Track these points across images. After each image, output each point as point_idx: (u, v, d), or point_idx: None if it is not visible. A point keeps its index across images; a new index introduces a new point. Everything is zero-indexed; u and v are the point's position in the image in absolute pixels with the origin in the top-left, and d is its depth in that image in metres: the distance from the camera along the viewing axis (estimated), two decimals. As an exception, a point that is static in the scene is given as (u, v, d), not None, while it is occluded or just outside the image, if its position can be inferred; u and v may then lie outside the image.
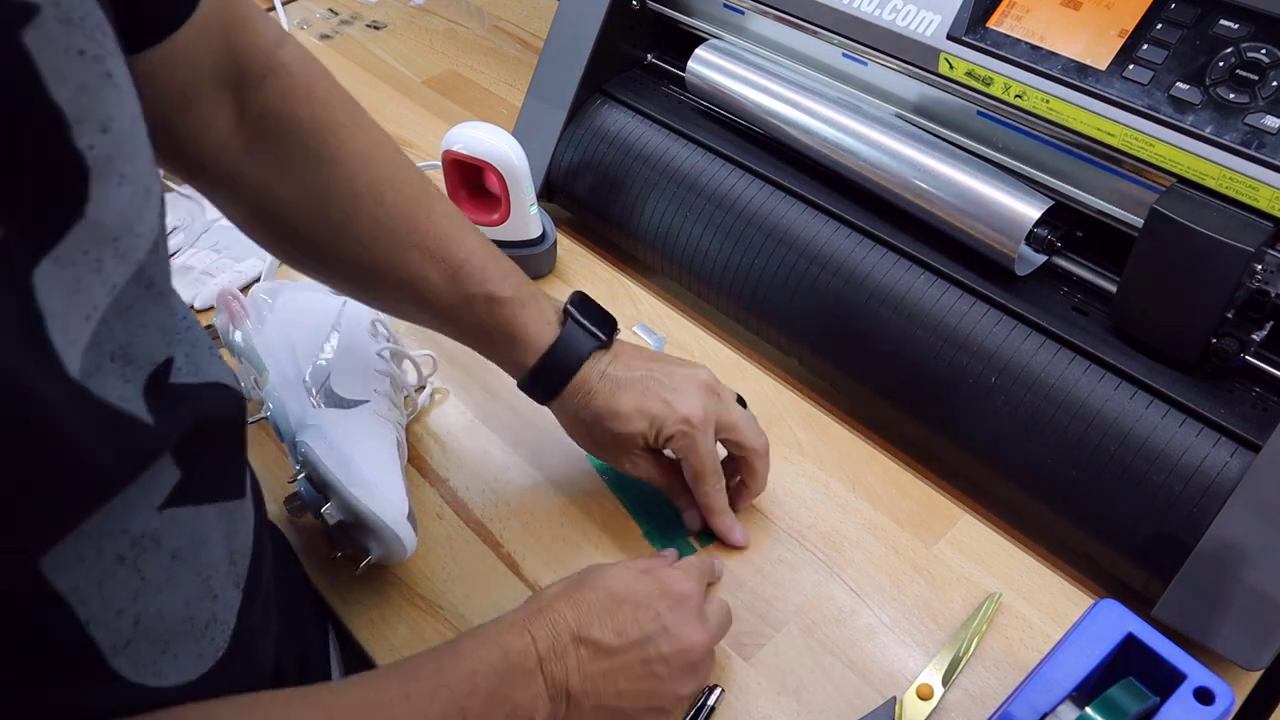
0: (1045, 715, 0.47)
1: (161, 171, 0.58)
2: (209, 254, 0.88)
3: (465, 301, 0.58)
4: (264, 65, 0.53)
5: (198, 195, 0.66)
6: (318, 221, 0.55)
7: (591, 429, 0.61)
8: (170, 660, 0.39)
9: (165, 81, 0.48)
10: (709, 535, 0.64)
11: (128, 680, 0.37)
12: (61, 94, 0.30)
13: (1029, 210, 0.64)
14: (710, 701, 0.55)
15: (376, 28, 1.22)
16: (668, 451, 0.62)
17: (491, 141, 0.77)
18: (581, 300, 0.62)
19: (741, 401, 0.64)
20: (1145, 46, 0.59)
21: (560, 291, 0.82)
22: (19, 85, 0.28)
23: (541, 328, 0.60)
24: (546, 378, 0.60)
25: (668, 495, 0.64)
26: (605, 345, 0.61)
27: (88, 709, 0.35)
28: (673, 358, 0.63)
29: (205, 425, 0.39)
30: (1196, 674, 0.47)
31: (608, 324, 0.62)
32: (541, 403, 0.62)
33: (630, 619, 0.50)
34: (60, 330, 0.31)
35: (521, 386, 0.62)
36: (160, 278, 0.36)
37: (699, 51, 0.81)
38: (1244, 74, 0.56)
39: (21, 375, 0.28)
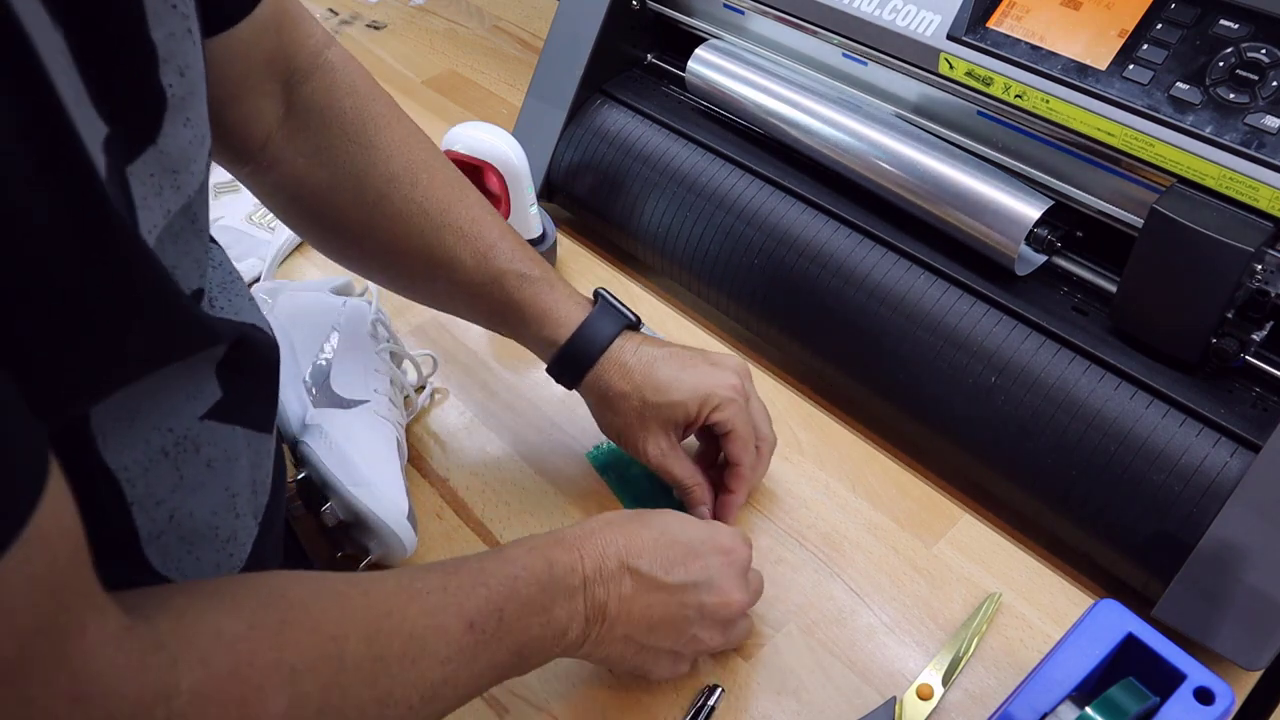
0: (1045, 715, 0.47)
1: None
2: (209, 254, 0.88)
3: (496, 279, 0.59)
4: (311, 63, 0.57)
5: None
6: (353, 204, 0.58)
7: (627, 403, 0.60)
8: (193, 562, 0.42)
9: (221, 71, 0.51)
10: None
11: (154, 569, 0.41)
12: (157, 34, 0.35)
13: (1029, 210, 0.64)
14: (711, 701, 0.55)
15: (376, 28, 1.22)
16: (696, 433, 0.62)
17: (492, 141, 0.77)
18: (601, 290, 0.63)
19: None
20: (1145, 46, 0.59)
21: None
22: (131, 18, 0.34)
23: (572, 306, 0.61)
24: (578, 355, 0.60)
25: (677, 490, 0.63)
26: (635, 326, 0.62)
27: (114, 584, 0.37)
28: (696, 348, 0.64)
29: (244, 349, 0.43)
30: (1196, 674, 0.47)
31: (634, 313, 0.62)
32: (570, 385, 0.62)
33: (680, 560, 0.51)
34: (144, 223, 0.35)
35: (551, 368, 0.62)
36: (202, 216, 0.40)
37: (699, 51, 0.81)
38: (1244, 74, 0.56)
39: (132, 230, 0.33)
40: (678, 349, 0.62)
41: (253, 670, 0.35)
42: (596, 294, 0.62)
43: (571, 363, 0.60)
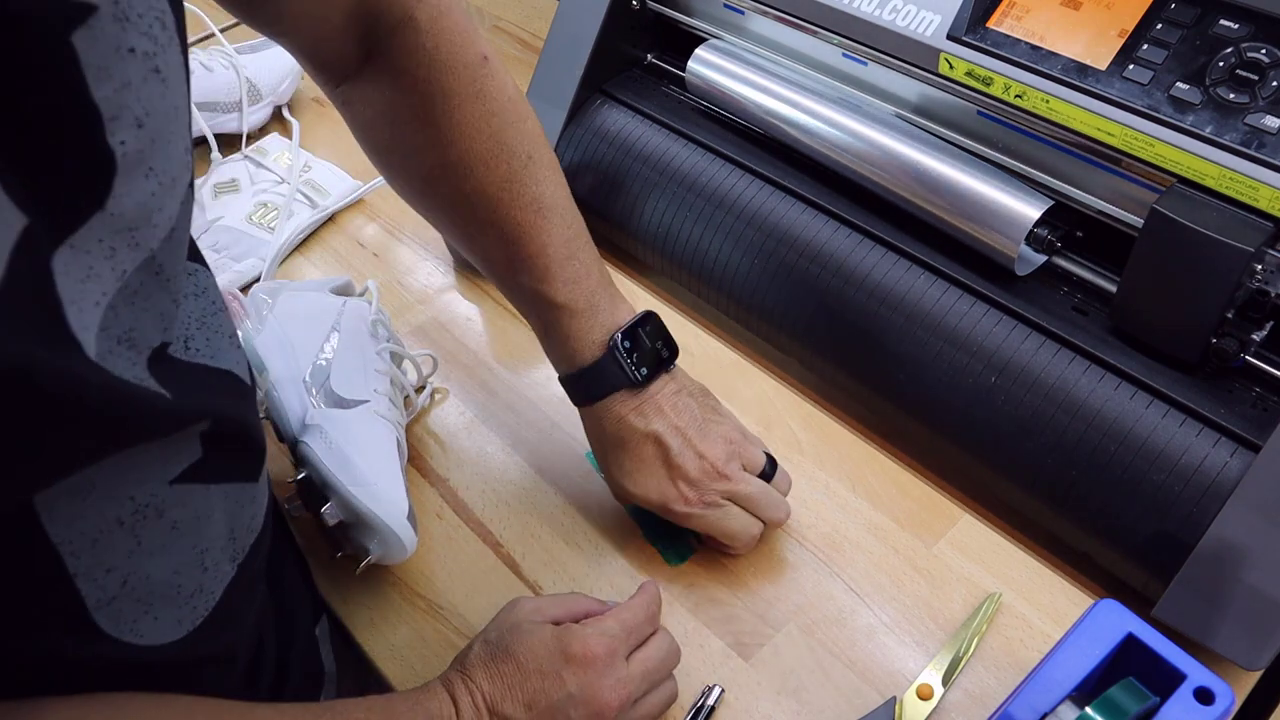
0: (1045, 715, 0.47)
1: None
2: (209, 254, 0.88)
3: (522, 291, 0.61)
4: (398, 17, 0.55)
5: (198, 197, 0.67)
6: (408, 175, 0.60)
7: (604, 458, 0.62)
8: (149, 622, 0.40)
9: (303, 10, 0.52)
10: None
11: (106, 634, 0.38)
12: (102, 92, 0.31)
13: (1029, 210, 0.64)
14: (710, 701, 0.55)
15: (376, 28, 1.21)
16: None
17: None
18: (636, 329, 0.60)
19: (772, 461, 0.62)
20: (1145, 46, 0.59)
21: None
22: (62, 84, 0.29)
23: (584, 344, 0.60)
24: (577, 391, 0.62)
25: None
26: (638, 386, 0.60)
27: (63, 657, 0.36)
28: (705, 405, 0.62)
29: (223, 409, 0.40)
30: (1196, 674, 0.47)
31: (654, 361, 0.60)
32: (574, 405, 0.63)
33: (538, 690, 0.50)
34: (76, 316, 0.32)
35: (561, 382, 0.63)
36: (170, 263, 0.37)
37: (699, 51, 0.81)
38: (1244, 74, 0.56)
39: (46, 361, 0.29)
40: (656, 430, 0.59)
41: None
42: (611, 341, 0.59)
43: (572, 392, 0.62)
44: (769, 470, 0.62)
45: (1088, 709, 0.46)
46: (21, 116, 0.29)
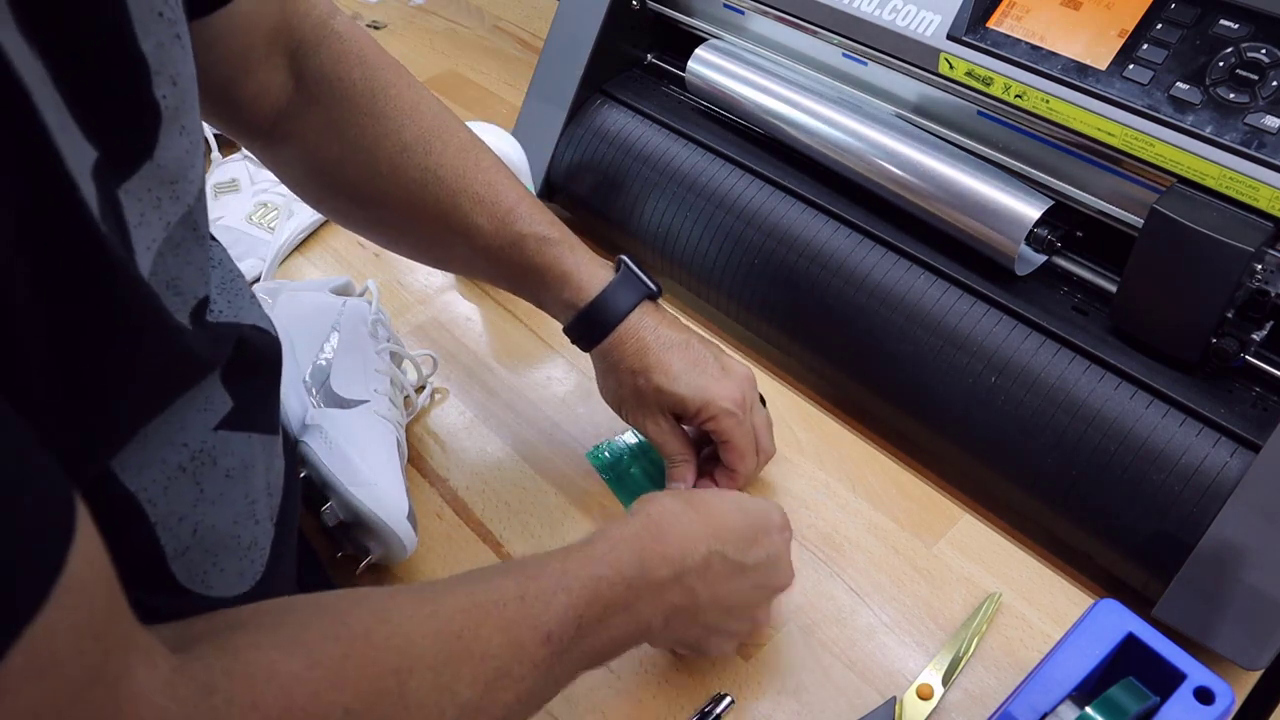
0: (1045, 715, 0.47)
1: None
2: (209, 254, 0.88)
3: (515, 243, 0.59)
4: (318, 34, 0.57)
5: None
6: (369, 173, 0.58)
7: (634, 379, 0.60)
8: (217, 573, 0.42)
9: (225, 47, 0.51)
10: None
11: (180, 585, 0.41)
12: (147, 45, 0.34)
13: (1029, 210, 0.64)
14: (719, 709, 0.55)
15: (376, 28, 1.21)
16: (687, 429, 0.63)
17: (492, 141, 0.76)
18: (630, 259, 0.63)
19: (762, 400, 0.65)
20: (1145, 46, 0.59)
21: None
22: (120, 34, 0.33)
23: (595, 269, 0.60)
24: (596, 320, 0.60)
25: (667, 461, 0.63)
26: (655, 297, 0.61)
27: (153, 613, 0.36)
28: (711, 343, 0.63)
29: (247, 354, 0.42)
30: (1196, 674, 0.47)
31: (655, 283, 0.62)
32: (585, 348, 0.62)
33: (757, 541, 0.51)
34: (138, 251, 0.34)
35: (568, 330, 0.62)
36: (202, 223, 0.40)
37: (699, 51, 0.81)
38: (1244, 74, 0.56)
39: (126, 264, 0.32)
40: (695, 340, 0.61)
41: (307, 715, 0.33)
42: (619, 261, 0.62)
43: (590, 327, 0.60)
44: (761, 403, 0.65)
45: (1088, 709, 0.46)
46: (86, 61, 0.31)
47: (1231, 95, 0.56)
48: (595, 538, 0.46)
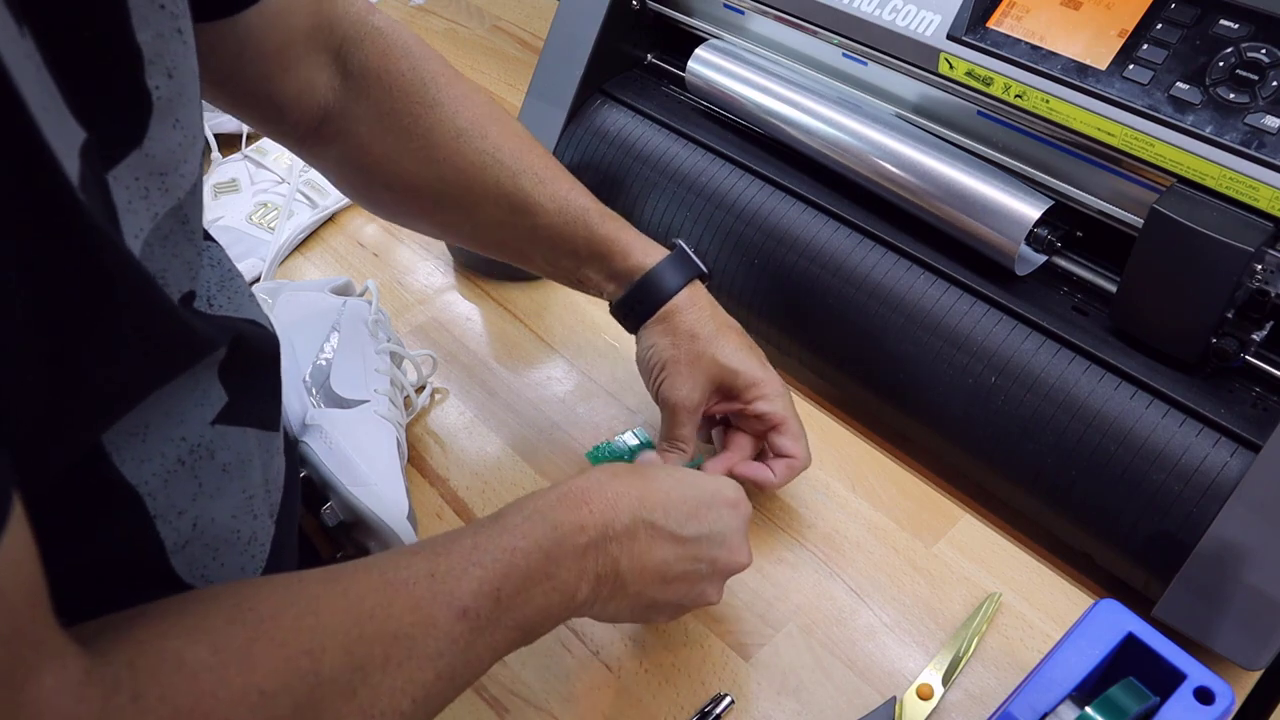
0: (1045, 715, 0.47)
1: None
2: (209, 254, 0.88)
3: (579, 216, 0.60)
4: (359, 30, 0.57)
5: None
6: (425, 163, 0.58)
7: (693, 343, 0.60)
8: (218, 568, 0.42)
9: (260, 45, 0.51)
10: None
11: (181, 580, 0.40)
12: (143, 36, 0.34)
13: (1029, 210, 0.64)
14: (718, 710, 0.55)
15: (376, 28, 1.21)
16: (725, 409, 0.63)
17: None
18: None
19: None
20: (1145, 46, 0.59)
21: (562, 291, 0.82)
22: (115, 21, 0.33)
23: (649, 245, 0.62)
24: (651, 289, 0.61)
25: (668, 443, 0.62)
26: (706, 279, 0.63)
27: (144, 600, 0.37)
28: None
29: (244, 349, 0.42)
30: (1196, 674, 0.47)
31: (708, 268, 0.63)
32: (634, 322, 0.62)
33: (693, 513, 0.50)
34: (126, 236, 0.34)
35: (619, 304, 0.62)
36: (194, 219, 0.40)
37: (699, 51, 0.81)
38: (1244, 74, 0.56)
39: (109, 234, 0.32)
40: (742, 331, 0.63)
41: (218, 701, 0.32)
42: (675, 243, 0.63)
43: (645, 296, 0.61)
44: None
45: (1088, 709, 0.46)
46: (77, 44, 0.31)
47: (1231, 95, 0.56)
48: (510, 509, 0.45)
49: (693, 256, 0.62)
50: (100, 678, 0.30)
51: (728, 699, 0.56)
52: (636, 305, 0.62)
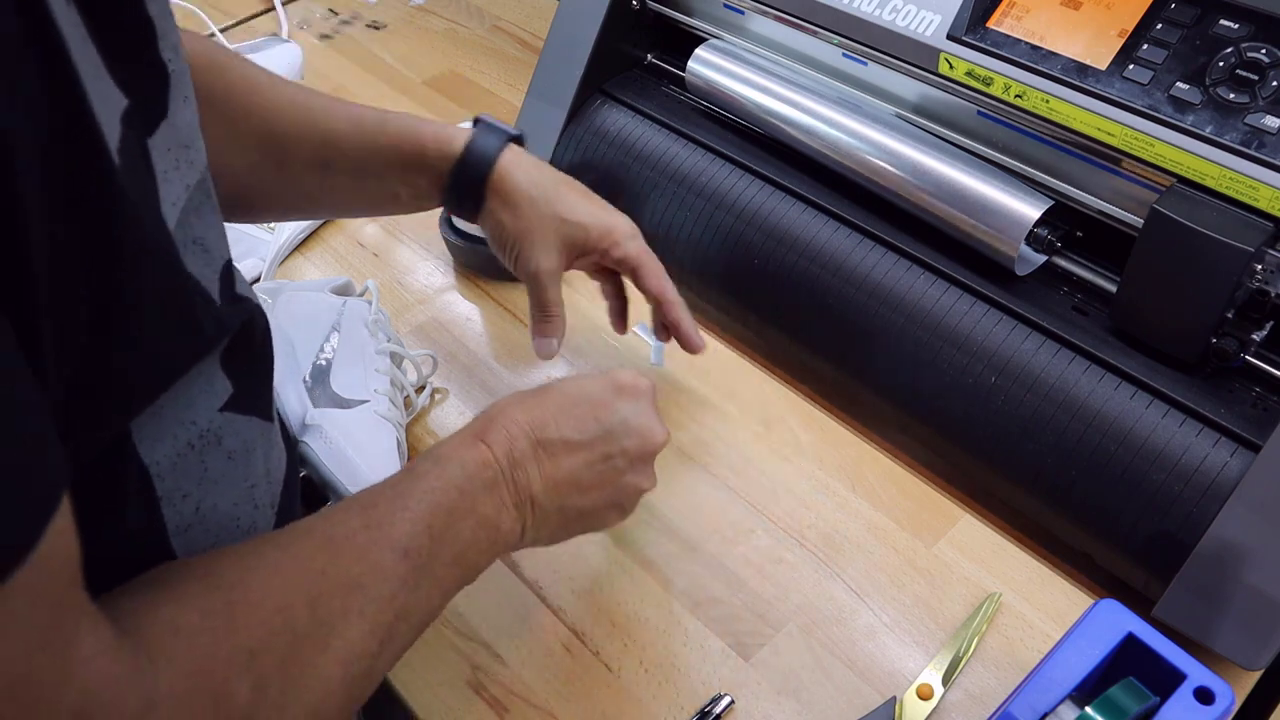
0: (1045, 715, 0.47)
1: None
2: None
3: (374, 130, 0.59)
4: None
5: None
6: (240, 138, 0.57)
7: (533, 209, 0.60)
8: None
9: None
10: None
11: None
12: (152, 9, 0.35)
13: (1029, 210, 0.64)
14: (717, 710, 0.55)
15: (376, 28, 1.21)
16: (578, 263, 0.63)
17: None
18: None
19: None
20: (1145, 46, 0.59)
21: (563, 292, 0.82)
22: None
23: (453, 131, 0.60)
24: (471, 167, 0.59)
25: (541, 313, 0.63)
26: (521, 141, 0.61)
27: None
28: None
29: (244, 334, 0.43)
30: (1196, 674, 0.47)
31: (519, 130, 0.62)
32: (471, 212, 0.61)
33: (588, 415, 0.50)
34: (165, 202, 0.35)
35: (449, 197, 0.61)
36: (214, 193, 0.40)
37: (699, 51, 0.81)
38: (1244, 74, 0.56)
39: (141, 210, 0.33)
40: (574, 182, 0.62)
41: (215, 662, 0.35)
42: (475, 118, 0.62)
43: (467, 178, 0.60)
44: None
45: (1088, 709, 0.46)
46: (111, 14, 0.32)
47: (1231, 95, 0.56)
48: (421, 458, 0.48)
49: (498, 123, 0.61)
50: (122, 644, 0.32)
51: (727, 699, 0.56)
52: (464, 188, 0.60)
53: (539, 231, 0.60)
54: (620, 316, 0.70)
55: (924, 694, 0.56)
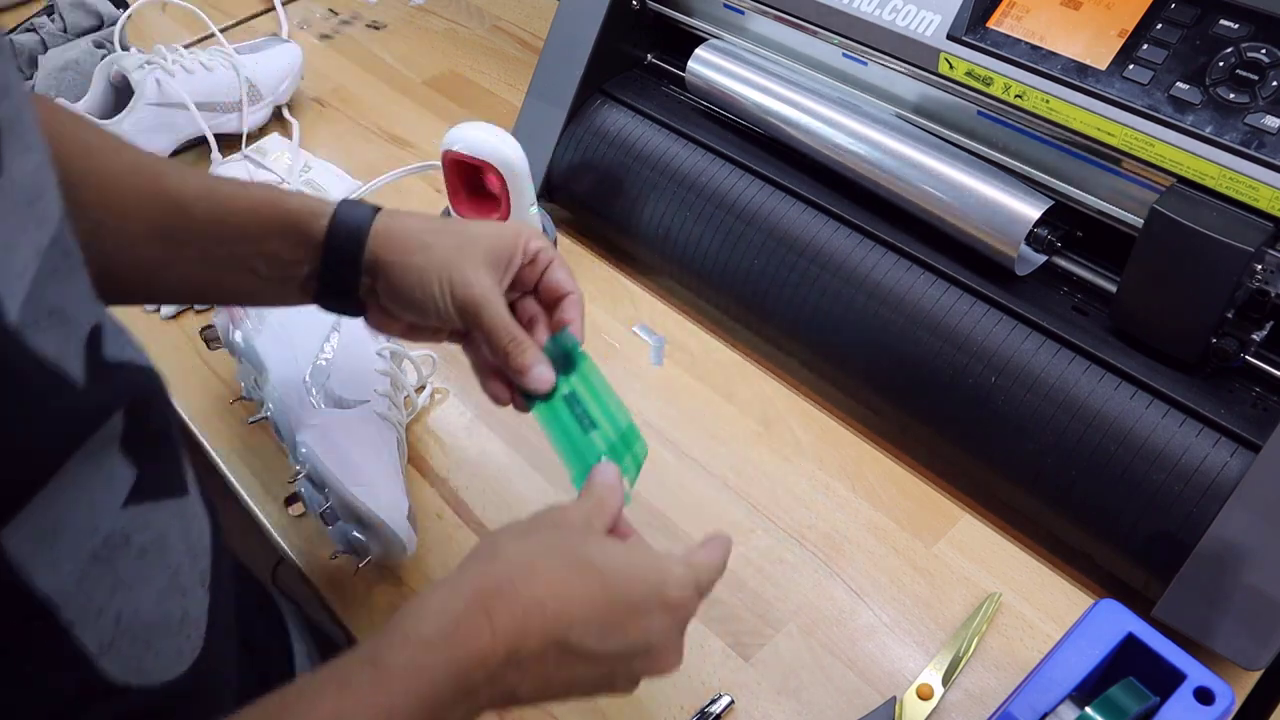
0: (1045, 715, 0.47)
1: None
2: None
3: (232, 194, 0.52)
4: None
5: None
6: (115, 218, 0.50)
7: (442, 239, 0.53)
8: (152, 658, 0.39)
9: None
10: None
11: (115, 684, 0.37)
12: None
13: (1029, 210, 0.64)
14: (717, 709, 0.55)
15: (376, 28, 1.21)
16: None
17: (491, 141, 0.77)
18: None
19: None
20: (1145, 46, 0.59)
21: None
22: None
23: (315, 204, 0.53)
24: (343, 247, 0.52)
25: (499, 346, 0.53)
26: (379, 208, 0.54)
27: (76, 713, 0.35)
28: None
29: (140, 406, 0.38)
30: (1196, 674, 0.47)
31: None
32: (352, 279, 0.53)
33: (619, 625, 0.42)
34: (3, 278, 0.31)
35: (324, 271, 0.53)
36: (74, 250, 0.35)
37: (699, 51, 0.81)
38: (1244, 74, 0.56)
39: None
40: (444, 222, 0.55)
41: None
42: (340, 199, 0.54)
43: (340, 264, 0.52)
44: None
45: (1088, 709, 0.46)
46: None
47: (1231, 95, 0.56)
48: (406, 624, 0.39)
49: (355, 202, 0.54)
50: None
51: (727, 699, 0.56)
52: (343, 250, 0.52)
53: (462, 252, 0.52)
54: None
55: (924, 694, 0.56)
